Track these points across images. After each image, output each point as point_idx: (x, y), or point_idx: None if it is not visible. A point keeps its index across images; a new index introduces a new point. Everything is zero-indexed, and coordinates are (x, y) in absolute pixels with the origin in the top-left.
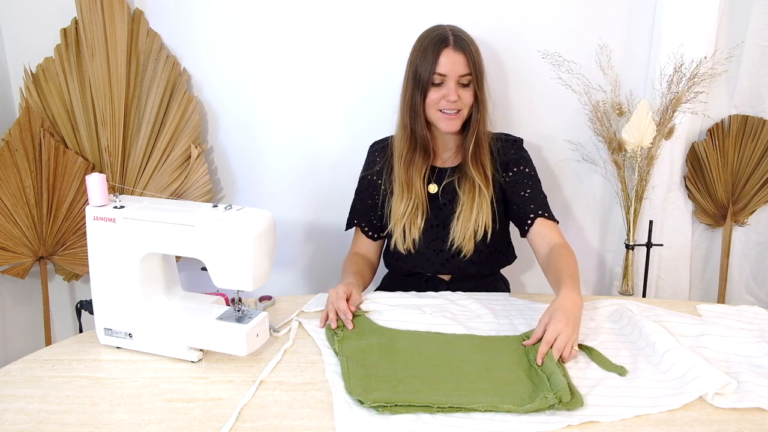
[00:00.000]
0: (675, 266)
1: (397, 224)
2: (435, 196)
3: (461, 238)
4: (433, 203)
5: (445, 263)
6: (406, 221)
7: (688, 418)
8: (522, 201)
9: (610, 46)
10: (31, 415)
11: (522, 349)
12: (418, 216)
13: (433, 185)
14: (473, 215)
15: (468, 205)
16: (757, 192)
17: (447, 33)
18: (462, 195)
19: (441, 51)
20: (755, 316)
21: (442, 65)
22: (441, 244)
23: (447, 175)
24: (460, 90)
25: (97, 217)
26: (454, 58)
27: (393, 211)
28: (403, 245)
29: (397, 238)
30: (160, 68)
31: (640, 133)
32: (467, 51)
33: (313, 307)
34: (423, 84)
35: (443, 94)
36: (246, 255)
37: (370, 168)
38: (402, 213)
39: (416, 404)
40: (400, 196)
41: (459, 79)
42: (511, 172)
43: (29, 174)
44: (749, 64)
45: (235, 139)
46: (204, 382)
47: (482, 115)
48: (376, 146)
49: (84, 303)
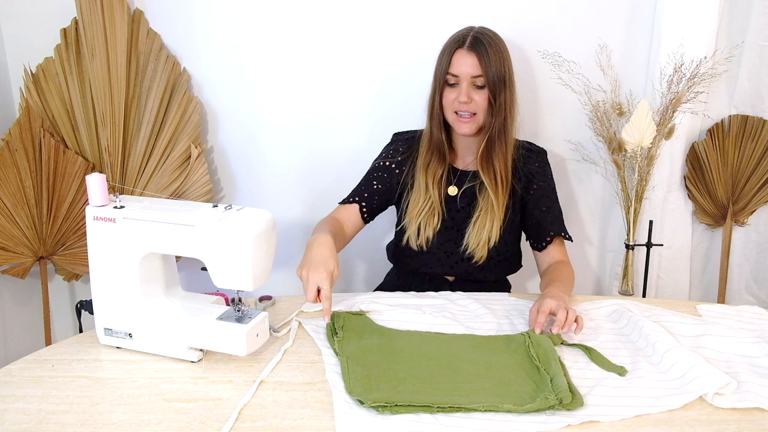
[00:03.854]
0: (675, 266)
1: (412, 221)
2: (453, 198)
3: (475, 244)
4: (451, 205)
5: (455, 266)
6: (422, 219)
7: (688, 418)
8: (542, 217)
9: (610, 46)
10: (31, 415)
11: (522, 349)
12: (434, 216)
13: (453, 187)
14: (489, 222)
15: (485, 211)
16: (757, 192)
17: (467, 34)
18: (481, 200)
19: (455, 51)
20: (755, 316)
21: (454, 65)
22: (453, 247)
23: (468, 179)
24: (474, 92)
25: (97, 217)
26: (466, 59)
27: (410, 207)
28: (416, 241)
29: (410, 234)
30: (160, 68)
31: (640, 133)
32: (482, 53)
33: (313, 307)
34: (439, 84)
35: (456, 95)
36: (246, 255)
37: (392, 156)
38: (417, 211)
39: (416, 404)
40: (417, 194)
41: (472, 80)
42: (535, 185)
43: (29, 174)
44: (749, 64)
45: (235, 139)
46: (204, 382)
47: (498, 120)
48: (402, 136)
49: (84, 303)
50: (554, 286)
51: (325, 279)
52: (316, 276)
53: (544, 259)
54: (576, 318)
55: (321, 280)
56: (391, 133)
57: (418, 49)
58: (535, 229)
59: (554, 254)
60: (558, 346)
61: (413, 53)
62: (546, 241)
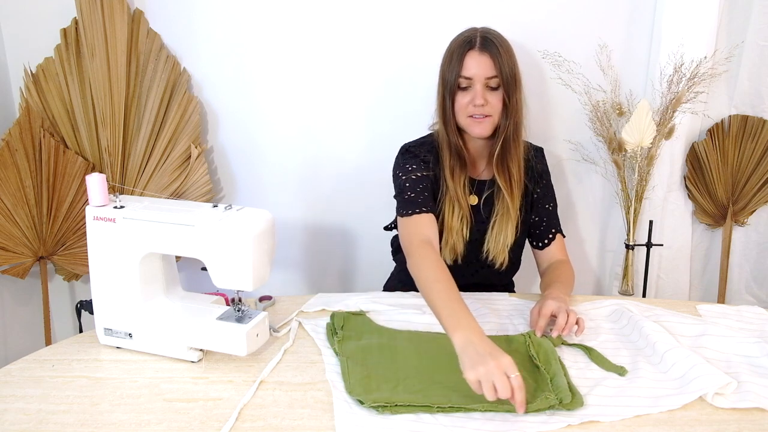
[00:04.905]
0: (675, 266)
1: (450, 232)
2: (477, 208)
3: (496, 250)
4: (476, 216)
5: (475, 274)
6: (456, 231)
7: (688, 418)
8: (547, 215)
9: (610, 46)
10: (31, 415)
11: (522, 349)
12: (464, 227)
13: (473, 197)
14: (506, 225)
15: (501, 215)
16: (757, 192)
17: (474, 35)
18: (498, 205)
19: (466, 53)
20: (755, 316)
21: (467, 68)
22: (472, 257)
23: (487, 187)
24: (488, 94)
25: (97, 217)
26: (480, 60)
27: (446, 220)
28: (451, 255)
29: (448, 249)
30: (160, 68)
31: (640, 133)
32: (494, 53)
33: (313, 307)
34: (451, 88)
35: (470, 98)
36: (246, 255)
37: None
38: (454, 222)
39: (416, 404)
40: (451, 204)
41: (486, 82)
42: (542, 182)
43: (29, 174)
44: (749, 64)
45: (235, 139)
46: (204, 382)
47: (512, 122)
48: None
49: (84, 303)
50: (555, 287)
51: (509, 363)
52: (504, 361)
53: (545, 257)
54: (577, 320)
55: (509, 365)
56: (390, 133)
57: (419, 48)
58: (539, 227)
59: (555, 252)
60: (558, 346)
61: (413, 52)
62: (548, 238)
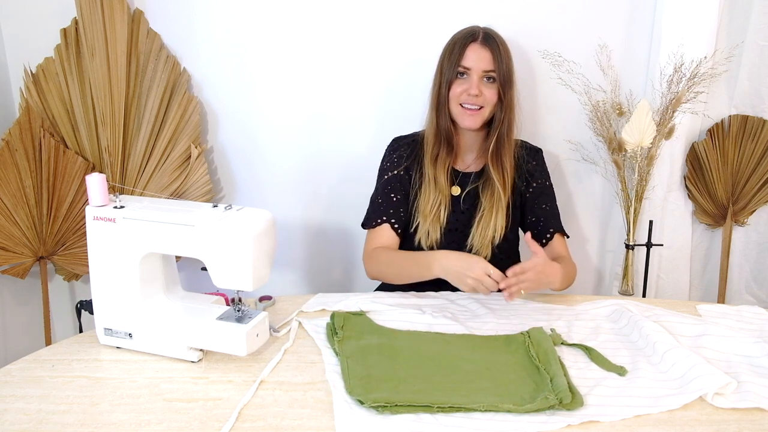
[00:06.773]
0: (675, 266)
1: (425, 219)
2: (457, 199)
3: (480, 244)
4: (455, 206)
5: None
6: (432, 218)
7: (688, 418)
8: (543, 215)
9: (610, 46)
10: (31, 415)
11: (522, 349)
12: (441, 213)
13: (456, 187)
14: (493, 220)
15: (489, 210)
16: (757, 192)
17: (478, 30)
18: (484, 200)
19: (468, 45)
20: (755, 316)
21: (467, 58)
22: (454, 247)
23: (471, 181)
24: (484, 86)
25: (97, 217)
26: (480, 53)
27: (421, 205)
28: (426, 241)
29: (422, 235)
30: (160, 68)
31: (640, 133)
32: (495, 49)
33: (313, 307)
34: (448, 76)
35: (465, 87)
36: (246, 255)
37: (397, 163)
38: (430, 208)
39: (416, 404)
40: (427, 191)
41: (483, 74)
42: (535, 183)
43: (29, 174)
44: (749, 64)
45: (235, 139)
46: (204, 382)
47: (507, 117)
48: (402, 141)
49: (84, 303)
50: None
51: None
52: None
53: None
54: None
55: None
56: (391, 132)
57: (418, 48)
58: (536, 227)
59: (556, 250)
60: (558, 346)
61: (413, 53)
62: (546, 237)
